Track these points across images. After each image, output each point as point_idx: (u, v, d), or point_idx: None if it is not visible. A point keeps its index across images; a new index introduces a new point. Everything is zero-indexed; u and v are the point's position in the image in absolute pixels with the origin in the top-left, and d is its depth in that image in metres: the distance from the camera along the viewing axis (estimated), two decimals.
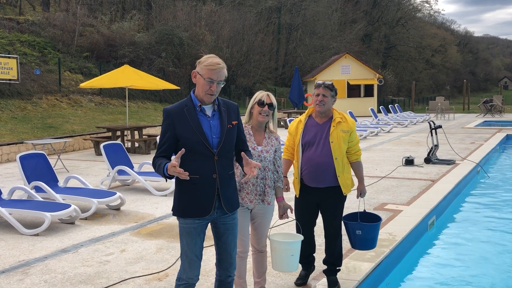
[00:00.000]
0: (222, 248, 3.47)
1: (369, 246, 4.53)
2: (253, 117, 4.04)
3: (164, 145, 3.30)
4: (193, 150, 3.23)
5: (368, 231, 4.43)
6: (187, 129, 3.25)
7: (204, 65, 3.23)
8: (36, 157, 8.21)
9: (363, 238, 4.44)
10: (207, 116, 3.31)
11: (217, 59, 3.26)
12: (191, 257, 3.35)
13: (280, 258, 4.12)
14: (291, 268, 4.17)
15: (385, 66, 61.52)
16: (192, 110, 3.28)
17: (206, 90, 3.24)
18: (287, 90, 41.49)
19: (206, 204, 3.30)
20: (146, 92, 26.75)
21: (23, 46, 24.20)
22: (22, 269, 5.21)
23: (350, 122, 4.49)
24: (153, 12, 37.44)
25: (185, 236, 3.34)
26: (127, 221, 7.13)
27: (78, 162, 13.28)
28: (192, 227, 3.32)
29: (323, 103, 4.39)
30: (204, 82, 3.22)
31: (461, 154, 13.25)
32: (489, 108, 32.10)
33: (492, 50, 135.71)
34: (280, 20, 50.80)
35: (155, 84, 16.68)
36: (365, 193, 4.63)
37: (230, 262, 3.50)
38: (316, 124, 4.47)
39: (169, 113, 3.30)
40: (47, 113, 19.60)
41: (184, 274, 3.38)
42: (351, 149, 4.53)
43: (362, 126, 20.90)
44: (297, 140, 4.46)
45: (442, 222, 7.62)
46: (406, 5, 74.38)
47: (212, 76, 3.21)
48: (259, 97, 4.00)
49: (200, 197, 3.28)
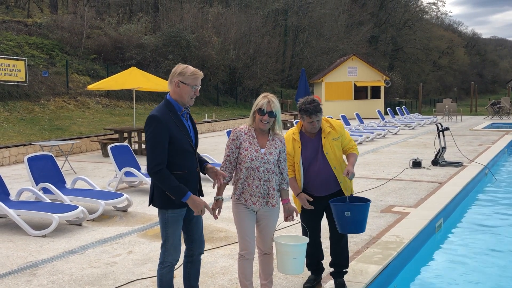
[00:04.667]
0: (194, 228, 3.92)
1: (358, 228, 4.33)
2: (255, 121, 4.04)
3: (164, 149, 3.60)
4: (182, 149, 3.67)
5: (357, 212, 4.24)
6: (178, 131, 3.66)
7: (188, 74, 3.68)
8: (44, 158, 8.25)
9: (352, 220, 4.26)
10: (185, 119, 3.77)
11: (194, 68, 3.75)
12: (177, 242, 3.78)
13: (283, 261, 4.10)
14: (295, 271, 4.13)
15: (392, 68, 61.39)
16: (176, 114, 3.69)
17: (191, 95, 3.72)
18: (293, 92, 41.50)
19: (194, 193, 3.72)
20: (153, 94, 26.83)
21: (31, 49, 24.34)
22: (30, 270, 5.23)
23: (337, 127, 4.53)
24: (160, 15, 37.55)
25: (173, 225, 3.74)
26: (134, 223, 7.15)
27: (86, 163, 13.33)
28: (180, 215, 3.75)
29: (318, 126, 4.45)
30: (190, 89, 3.69)
31: (469, 156, 13.19)
32: (497, 110, 31.93)
33: (500, 51, 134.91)
34: (287, 22, 50.79)
35: (162, 86, 16.71)
36: (352, 175, 4.35)
37: (202, 239, 4.00)
38: (310, 140, 4.52)
39: (162, 118, 3.60)
40: (55, 115, 19.70)
41: (169, 257, 3.79)
42: (346, 148, 4.58)
43: (369, 128, 20.85)
44: (297, 159, 4.49)
45: (449, 224, 7.58)
46: (413, 7, 74.23)
47: (196, 82, 3.71)
48: (259, 105, 3.97)
49: (189, 188, 3.68)
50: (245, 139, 4.02)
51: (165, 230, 3.76)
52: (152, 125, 3.58)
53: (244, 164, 3.98)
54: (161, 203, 3.71)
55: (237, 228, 4.08)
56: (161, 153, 3.56)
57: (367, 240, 6.10)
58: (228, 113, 30.14)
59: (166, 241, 3.77)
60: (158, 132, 3.56)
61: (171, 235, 3.75)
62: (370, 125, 21.93)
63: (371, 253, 5.46)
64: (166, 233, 3.76)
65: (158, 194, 3.71)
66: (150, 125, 3.59)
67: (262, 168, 3.98)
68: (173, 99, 3.72)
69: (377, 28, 64.38)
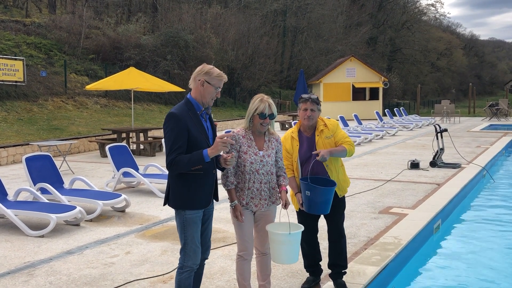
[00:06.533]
0: (205, 233, 3.88)
1: (321, 210, 4.29)
2: (253, 124, 4.03)
3: (181, 146, 3.57)
4: (199, 148, 3.59)
5: (317, 193, 4.21)
6: (196, 130, 3.64)
7: (215, 75, 3.69)
8: (41, 158, 8.24)
9: (313, 200, 4.23)
10: (204, 119, 3.75)
11: (220, 70, 3.76)
12: (196, 244, 3.71)
13: (273, 249, 4.00)
14: (289, 260, 3.99)
15: (391, 69, 61.43)
16: (195, 113, 3.68)
17: (213, 96, 3.73)
18: (292, 93, 41.52)
19: (210, 195, 3.77)
20: (151, 94, 26.82)
21: (30, 48, 24.31)
22: (28, 271, 5.22)
23: (330, 126, 4.55)
24: (159, 15, 37.54)
25: (190, 226, 3.68)
26: (132, 223, 7.14)
27: (84, 164, 13.31)
28: (197, 216, 3.70)
29: (312, 117, 4.46)
30: (213, 90, 3.70)
31: (467, 157, 13.20)
32: (495, 111, 31.97)
33: (498, 53, 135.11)
34: (286, 23, 50.82)
35: (161, 87, 16.73)
36: (323, 158, 4.25)
37: (209, 245, 3.96)
38: (307, 138, 4.55)
39: (180, 116, 3.59)
40: (53, 115, 19.68)
41: (189, 261, 3.70)
42: (338, 143, 4.49)
43: (368, 129, 20.86)
44: (295, 157, 4.51)
45: (447, 226, 7.59)
46: (412, 8, 74.24)
47: (220, 85, 3.74)
48: (260, 109, 3.96)
49: (206, 189, 3.71)
50: (243, 143, 4.02)
51: (183, 233, 3.68)
52: (170, 122, 3.58)
53: (244, 168, 3.98)
54: (177, 204, 3.67)
55: (236, 229, 4.08)
56: (179, 150, 3.54)
57: (365, 241, 6.10)
58: (226, 114, 30.14)
59: (185, 244, 3.68)
60: (176, 129, 3.55)
61: (190, 238, 3.67)
62: (368, 126, 21.94)
63: (369, 254, 5.46)
64: (185, 235, 3.68)
65: (174, 194, 3.67)
66: (168, 122, 3.59)
67: (262, 170, 4.00)
68: (193, 98, 3.72)
69: (376, 29, 64.44)
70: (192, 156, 3.53)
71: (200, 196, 3.68)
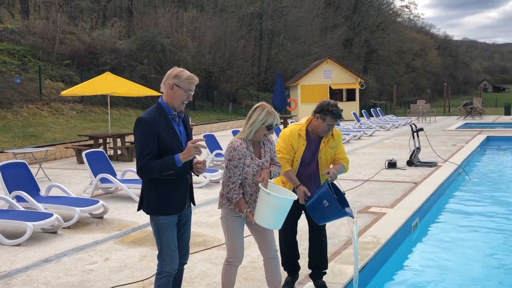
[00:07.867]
0: (182, 238, 3.83)
1: (317, 219, 4.32)
2: (255, 135, 3.91)
3: (151, 151, 3.52)
4: (172, 153, 3.53)
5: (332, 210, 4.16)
6: (167, 135, 3.57)
7: (184, 78, 3.60)
8: (17, 166, 8.09)
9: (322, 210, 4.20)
10: (176, 123, 3.68)
11: (190, 73, 3.67)
12: (173, 249, 3.68)
13: (263, 210, 3.79)
14: (273, 225, 3.86)
15: (367, 70, 61.98)
16: (166, 118, 3.61)
17: (184, 99, 3.63)
18: (270, 95, 41.47)
19: (184, 200, 3.71)
20: (128, 99, 26.58)
21: (3, 55, 23.91)
22: (4, 280, 5.12)
23: (336, 137, 4.59)
24: (134, 19, 37.28)
25: (165, 232, 3.64)
26: (110, 229, 7.06)
27: (60, 170, 13.14)
28: (171, 221, 3.66)
29: (331, 132, 4.49)
30: (183, 93, 3.61)
31: (443, 156, 13.39)
32: (470, 110, 32.51)
33: (471, 53, 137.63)
34: (262, 26, 50.89)
35: (137, 91, 16.60)
36: (334, 176, 4.33)
37: (187, 249, 3.92)
38: (313, 141, 4.54)
39: (150, 121, 3.53)
40: (28, 122, 19.37)
41: (166, 266, 3.67)
42: (337, 157, 4.61)
43: (345, 130, 21.02)
44: (298, 156, 4.48)
45: (425, 224, 7.68)
46: (386, 10, 75.11)
47: (191, 87, 3.64)
48: (269, 122, 3.86)
49: (180, 194, 3.67)
50: (247, 155, 3.89)
51: (158, 238, 3.65)
52: (140, 127, 3.52)
53: (247, 181, 3.90)
54: (150, 209, 3.63)
55: (228, 235, 3.98)
56: (149, 155, 3.49)
57: (345, 241, 6.14)
58: (204, 117, 30.04)
59: (161, 250, 3.66)
60: (146, 134, 3.49)
61: (166, 243, 3.64)
62: (346, 127, 22.11)
63: (349, 253, 5.50)
64: (160, 241, 3.65)
65: (147, 199, 3.65)
66: (138, 127, 3.53)
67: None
68: (164, 103, 3.65)
69: (351, 31, 64.98)
70: (164, 161, 3.48)
71: (174, 201, 3.63)
